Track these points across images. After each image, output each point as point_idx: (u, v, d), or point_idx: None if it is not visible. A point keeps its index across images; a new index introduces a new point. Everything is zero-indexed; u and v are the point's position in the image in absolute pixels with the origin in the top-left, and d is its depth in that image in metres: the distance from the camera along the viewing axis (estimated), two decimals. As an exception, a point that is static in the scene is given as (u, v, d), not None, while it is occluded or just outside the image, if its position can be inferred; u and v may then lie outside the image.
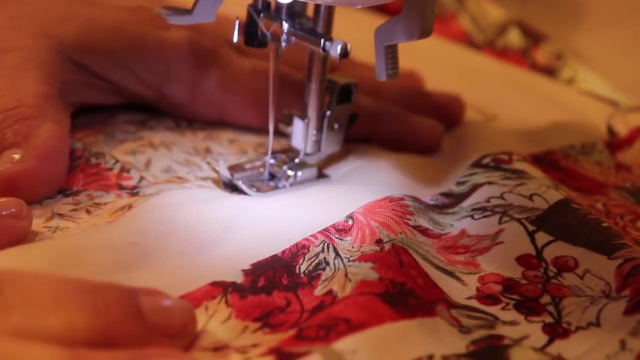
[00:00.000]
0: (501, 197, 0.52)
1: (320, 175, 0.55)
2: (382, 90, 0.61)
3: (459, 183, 0.56)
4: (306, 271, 0.46)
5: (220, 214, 0.49)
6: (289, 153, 0.55)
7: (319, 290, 0.45)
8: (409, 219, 0.50)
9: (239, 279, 0.45)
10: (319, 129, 0.54)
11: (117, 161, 0.54)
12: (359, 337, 0.41)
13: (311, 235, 0.48)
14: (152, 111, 0.60)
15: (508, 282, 0.48)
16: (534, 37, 0.80)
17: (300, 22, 0.51)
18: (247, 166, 0.54)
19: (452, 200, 0.54)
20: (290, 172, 0.54)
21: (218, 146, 0.57)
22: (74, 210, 0.49)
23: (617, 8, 0.87)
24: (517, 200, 0.52)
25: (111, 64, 0.56)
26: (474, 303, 0.46)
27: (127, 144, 0.56)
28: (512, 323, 0.45)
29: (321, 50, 0.50)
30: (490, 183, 0.54)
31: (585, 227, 0.49)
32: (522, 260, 0.49)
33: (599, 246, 0.48)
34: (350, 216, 0.50)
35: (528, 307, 0.46)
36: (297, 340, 0.41)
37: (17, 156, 0.49)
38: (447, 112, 0.63)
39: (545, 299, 0.46)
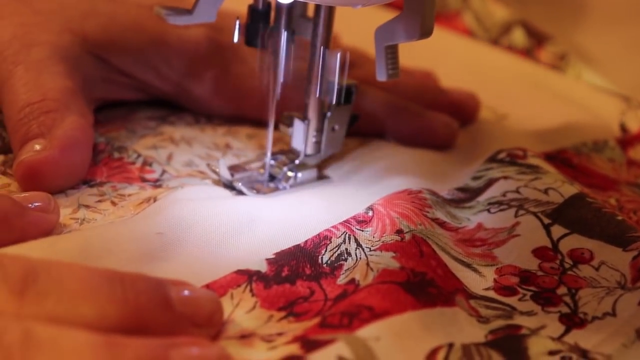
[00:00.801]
0: (517, 191, 0.53)
1: (320, 177, 0.55)
2: (398, 87, 0.62)
3: (475, 178, 0.56)
4: (328, 262, 0.47)
5: (242, 208, 0.50)
6: (289, 154, 0.55)
7: (342, 280, 0.46)
8: (428, 212, 0.51)
9: (263, 268, 0.46)
10: (319, 130, 0.54)
11: (139, 155, 0.55)
12: (382, 324, 0.42)
13: (332, 227, 0.49)
14: (171, 107, 0.61)
15: (525, 274, 0.49)
16: (537, 38, 0.81)
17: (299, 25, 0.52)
18: (247, 167, 0.55)
19: (469, 194, 0.55)
20: (290, 174, 0.54)
21: (238, 142, 0.58)
22: (100, 201, 0.50)
23: (620, 8, 0.88)
24: (532, 194, 0.53)
25: (132, 60, 0.57)
26: (491, 294, 0.47)
27: (149, 139, 0.57)
28: (530, 313, 0.46)
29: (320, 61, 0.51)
30: (505, 177, 0.55)
31: (600, 220, 0.50)
32: (538, 252, 0.50)
33: (614, 239, 0.49)
34: (370, 207, 0.51)
35: (545, 298, 0.47)
36: (321, 328, 0.42)
37: (39, 146, 0.50)
38: (463, 110, 0.64)
39: (562, 290, 0.47)
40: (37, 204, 0.46)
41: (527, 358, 0.42)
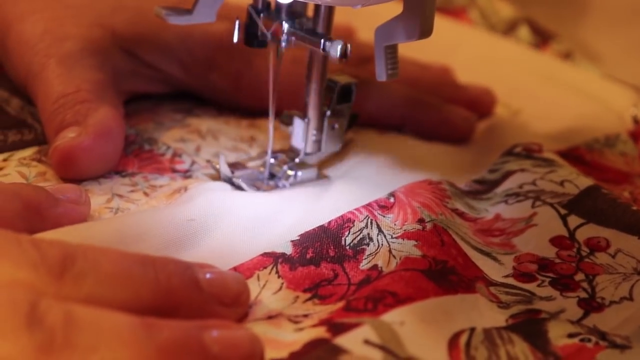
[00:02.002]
0: (533, 183, 0.55)
1: (320, 176, 0.56)
2: (416, 82, 0.63)
3: (492, 170, 0.58)
4: (351, 244, 0.49)
5: (270, 199, 0.52)
6: (289, 153, 0.55)
7: (364, 265, 0.48)
8: (447, 202, 0.52)
9: (288, 250, 0.48)
10: (319, 129, 0.54)
11: (168, 147, 0.56)
12: (405, 310, 0.43)
13: (355, 209, 0.50)
14: (195, 100, 0.62)
15: (543, 262, 0.50)
16: (542, 35, 0.81)
17: (300, 22, 0.51)
18: (248, 164, 0.55)
19: (486, 186, 0.57)
20: (290, 172, 0.54)
21: (262, 135, 0.59)
22: (132, 191, 0.52)
23: (624, 7, 0.89)
24: (548, 186, 0.54)
25: (159, 54, 0.59)
26: (511, 281, 0.49)
27: (176, 131, 0.58)
28: (549, 298, 0.47)
29: (321, 51, 0.50)
30: (522, 170, 0.56)
31: (615, 210, 0.52)
32: (555, 241, 0.51)
33: (630, 228, 0.50)
34: (392, 194, 0.52)
35: (563, 284, 0.48)
36: (346, 312, 0.43)
37: (74, 133, 0.51)
38: (479, 105, 0.66)
39: (579, 276, 0.49)
40: (68, 195, 0.47)
41: (548, 340, 0.43)
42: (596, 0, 0.90)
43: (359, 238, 0.49)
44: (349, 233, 0.49)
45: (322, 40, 0.50)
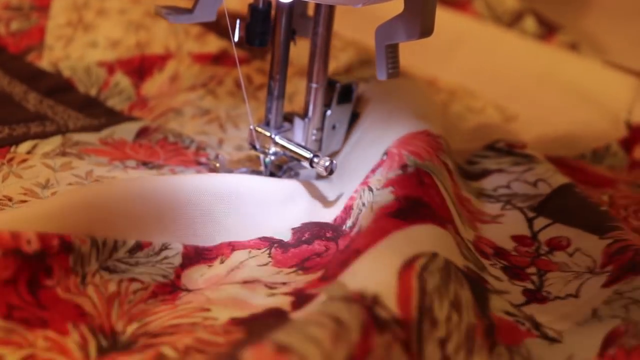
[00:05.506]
0: (507, 186, 0.55)
1: (319, 176, 0.55)
2: None
3: (470, 162, 0.58)
4: (351, 225, 0.49)
5: (286, 185, 0.52)
6: None
7: (354, 231, 0.48)
8: (440, 154, 0.52)
9: (287, 237, 0.48)
10: (320, 129, 0.54)
11: (192, 140, 0.57)
12: (360, 259, 0.43)
13: (354, 191, 0.50)
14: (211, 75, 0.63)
15: (499, 250, 0.51)
16: (548, 26, 0.81)
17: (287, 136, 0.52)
18: (247, 163, 0.55)
19: (462, 173, 0.57)
20: (289, 171, 0.54)
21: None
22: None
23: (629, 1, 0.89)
24: (521, 189, 0.55)
25: None
26: (471, 246, 0.49)
27: (197, 121, 0.59)
28: (497, 278, 0.48)
29: (309, 166, 0.51)
30: (500, 170, 0.56)
31: (583, 209, 0.52)
32: (516, 238, 0.52)
33: (593, 227, 0.51)
34: (385, 152, 0.52)
35: (514, 273, 0.49)
36: (321, 281, 0.44)
37: None
38: None
39: (531, 270, 0.49)
40: None
41: (487, 306, 0.44)
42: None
43: (356, 214, 0.49)
44: (349, 218, 0.49)
45: (311, 156, 0.51)
